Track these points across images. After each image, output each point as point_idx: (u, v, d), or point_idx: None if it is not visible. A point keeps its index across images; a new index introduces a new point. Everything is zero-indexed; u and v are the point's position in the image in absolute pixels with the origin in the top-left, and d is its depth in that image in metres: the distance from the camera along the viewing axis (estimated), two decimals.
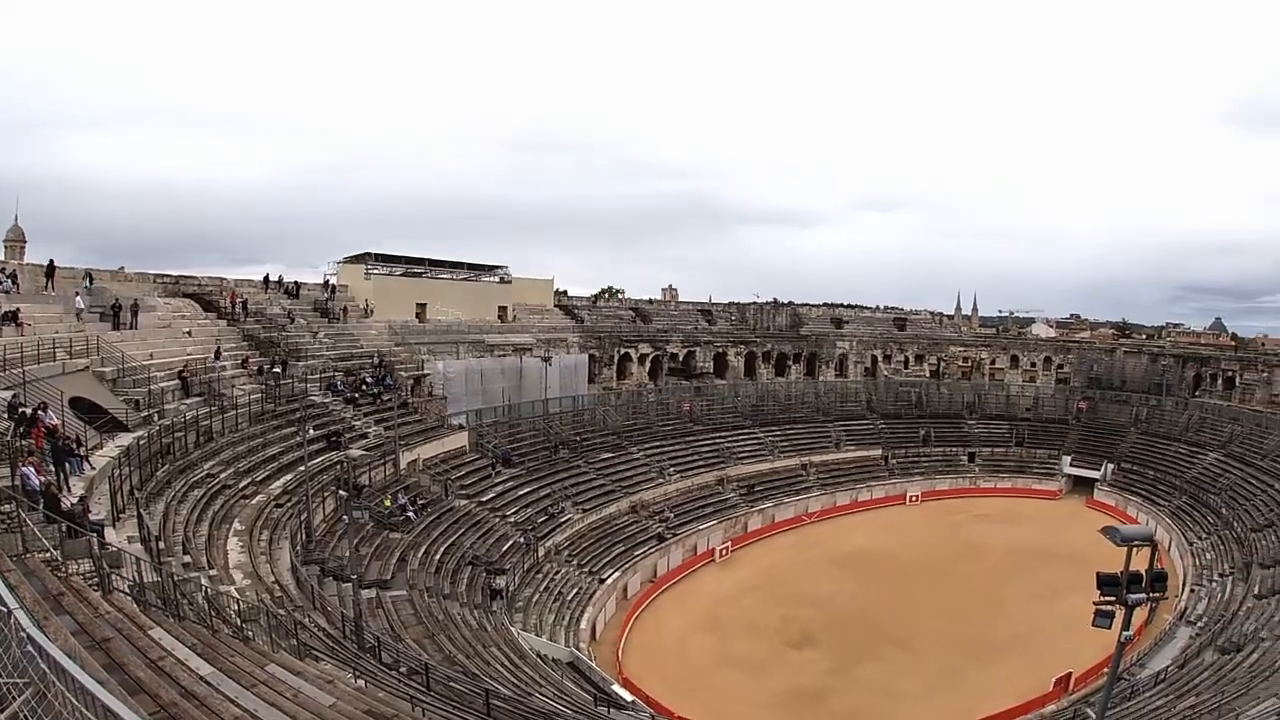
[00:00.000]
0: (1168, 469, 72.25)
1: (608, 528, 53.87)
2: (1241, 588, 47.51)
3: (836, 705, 38.76)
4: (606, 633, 45.09)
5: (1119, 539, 14.51)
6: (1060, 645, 41.46)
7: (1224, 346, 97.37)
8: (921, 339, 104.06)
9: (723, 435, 72.60)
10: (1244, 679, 31.59)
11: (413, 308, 64.25)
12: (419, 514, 41.20)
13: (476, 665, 27.91)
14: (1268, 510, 56.72)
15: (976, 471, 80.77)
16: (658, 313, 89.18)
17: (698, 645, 44.36)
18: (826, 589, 52.46)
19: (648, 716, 31.69)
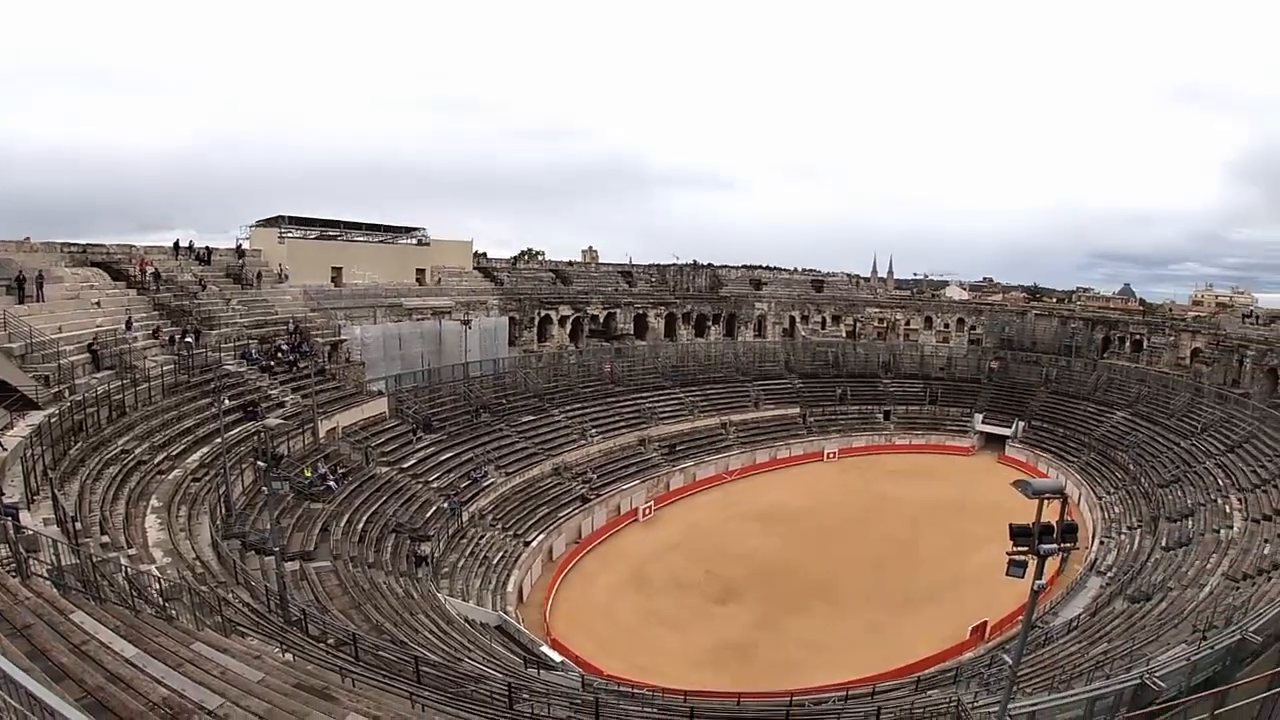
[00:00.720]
0: (1077, 427, 75.16)
1: (531, 490, 53.90)
2: (1149, 540, 49.50)
3: (763, 658, 39.67)
4: (533, 595, 45.33)
5: (1030, 492, 14.89)
6: (976, 595, 43.01)
7: (1132, 311, 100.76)
8: (838, 300, 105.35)
9: (644, 396, 73.16)
10: (1153, 626, 32.98)
11: (328, 271, 62.58)
12: (340, 483, 40.61)
13: (405, 633, 27.88)
14: (1174, 466, 59.14)
15: (892, 429, 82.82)
16: (578, 275, 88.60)
17: (624, 604, 44.95)
18: (749, 545, 53.50)
19: (577, 676, 32.00)
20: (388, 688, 17.58)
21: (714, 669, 37.75)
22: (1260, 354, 72.43)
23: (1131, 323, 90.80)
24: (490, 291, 73.51)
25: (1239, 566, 38.72)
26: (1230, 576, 37.76)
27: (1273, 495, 46.89)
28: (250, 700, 12.01)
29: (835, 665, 37.50)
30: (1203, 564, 41.43)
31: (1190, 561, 42.70)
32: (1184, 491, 54.26)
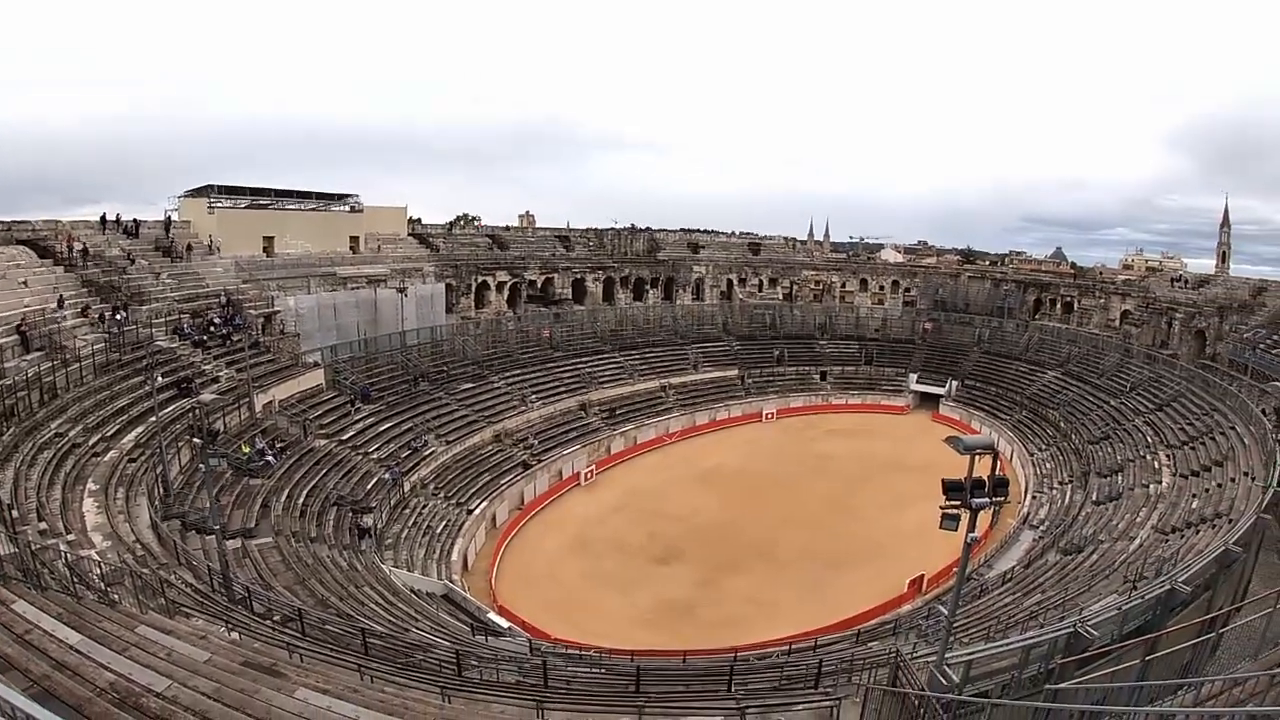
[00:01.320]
0: (1009, 386, 76.97)
1: (473, 458, 53.73)
2: (1080, 495, 50.93)
3: (706, 616, 40.28)
4: (478, 563, 45.42)
5: (962, 448, 15.19)
6: (912, 549, 43.94)
7: (1063, 274, 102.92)
8: (775, 263, 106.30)
9: (583, 361, 73.13)
10: (1085, 577, 33.91)
11: (260, 241, 61.09)
12: (278, 458, 39.95)
13: (350, 606, 27.76)
14: (1103, 424, 60.88)
15: (828, 389, 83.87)
16: (515, 240, 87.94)
17: (569, 568, 45.30)
18: (690, 506, 54.08)
19: (525, 640, 32.15)
20: (335, 661, 17.52)
21: (659, 628, 38.27)
22: (1188, 316, 74.74)
23: (1063, 285, 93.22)
24: (426, 258, 72.64)
25: (1168, 520, 39.93)
26: (1160, 529, 38.95)
27: (1200, 452, 48.32)
28: (198, 680, 11.92)
29: (777, 621, 38.16)
30: (1133, 518, 42.65)
31: (1120, 515, 43.94)
32: (1114, 448, 55.86)
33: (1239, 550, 28.22)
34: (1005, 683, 17.59)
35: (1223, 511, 36.30)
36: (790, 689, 20.13)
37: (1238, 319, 70.68)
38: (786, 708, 16.78)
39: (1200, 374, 61.64)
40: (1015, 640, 19.75)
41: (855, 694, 16.61)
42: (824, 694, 18.01)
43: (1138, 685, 12.90)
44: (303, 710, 11.86)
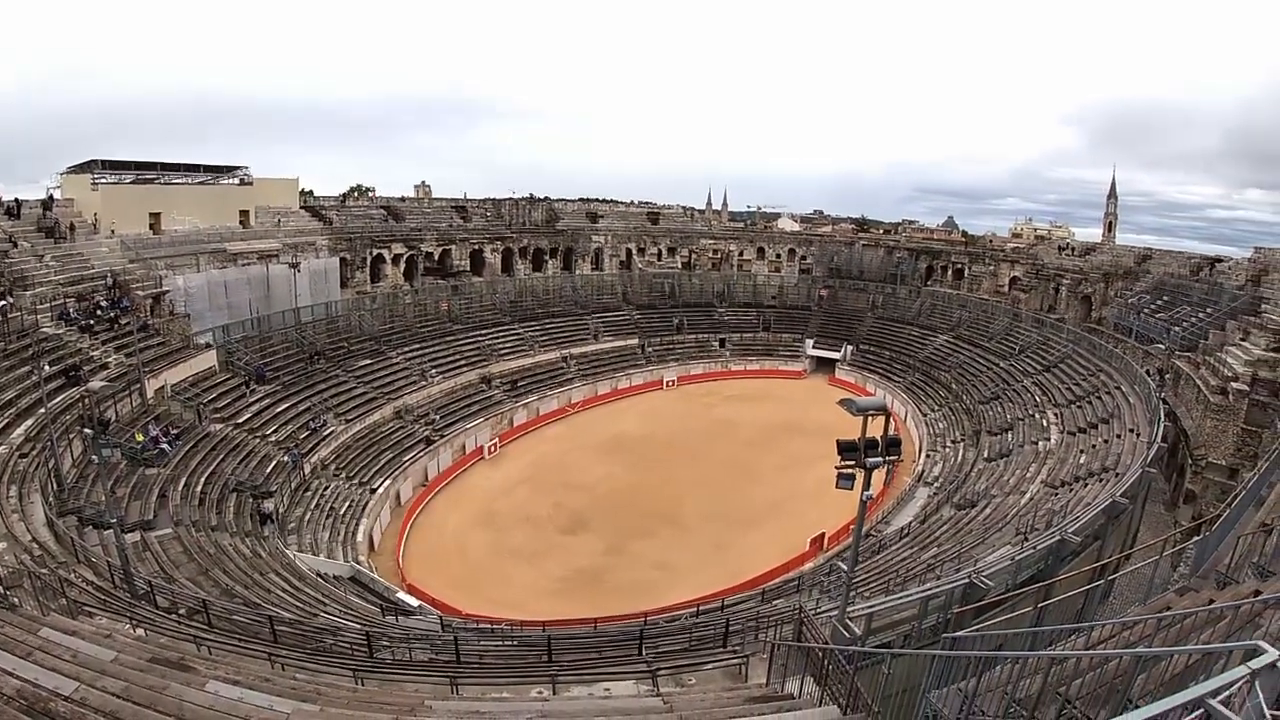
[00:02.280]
0: (902, 350, 79.66)
1: (374, 436, 53.04)
2: (972, 452, 53.02)
3: (615, 582, 40.98)
4: (385, 542, 44.95)
5: (855, 409, 15.60)
6: (812, 509, 45.25)
7: (955, 242, 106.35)
8: (674, 232, 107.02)
9: (483, 333, 72.61)
10: (979, 530, 35.41)
11: (146, 218, 58.26)
12: (174, 445, 38.72)
13: (257, 594, 27.33)
14: (993, 385, 63.55)
15: (728, 356, 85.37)
16: (411, 211, 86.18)
17: (476, 542, 45.27)
18: (595, 475, 54.67)
19: (436, 618, 32.14)
20: (245, 651, 17.30)
21: (569, 597, 38.62)
22: (1075, 282, 78.42)
23: (954, 253, 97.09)
24: (319, 231, 70.68)
25: (1057, 475, 41.79)
26: (1049, 484, 40.74)
27: (1087, 410, 50.65)
28: (106, 681, 11.71)
29: (685, 584, 39.11)
30: (1023, 473, 44.53)
31: (1011, 471, 45.87)
32: (1004, 408, 58.26)
33: (1126, 502, 29.66)
34: (906, 633, 18.29)
35: (1109, 466, 38.06)
36: (700, 649, 20.55)
37: (1123, 285, 74.33)
38: (696, 668, 17.17)
39: (1086, 337, 64.67)
40: (914, 592, 20.49)
41: (762, 650, 17.02)
42: (732, 652, 18.45)
43: (1033, 631, 13.52)
44: (214, 703, 11.72)
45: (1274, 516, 19.91)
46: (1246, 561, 16.63)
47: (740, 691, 14.99)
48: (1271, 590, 12.99)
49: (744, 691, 14.96)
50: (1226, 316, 56.70)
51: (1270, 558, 16.28)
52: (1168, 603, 15.90)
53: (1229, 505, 25.13)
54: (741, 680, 16.12)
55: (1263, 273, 61.68)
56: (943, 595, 19.84)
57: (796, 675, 14.48)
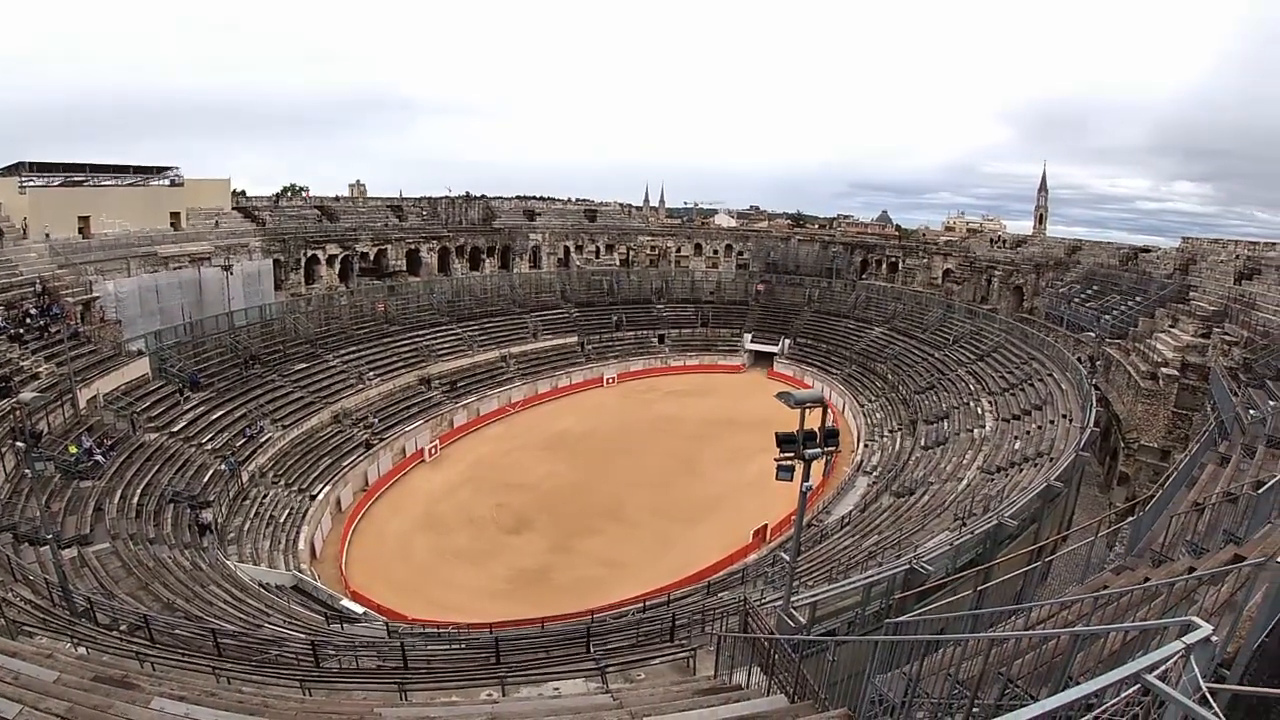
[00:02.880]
0: (839, 342, 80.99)
1: (312, 441, 52.22)
2: (910, 441, 53.90)
3: (561, 580, 41.04)
4: (327, 549, 44.30)
5: (793, 402, 15.93)
6: (754, 501, 45.74)
7: (889, 236, 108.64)
8: (612, 229, 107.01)
9: (421, 334, 71.91)
10: (918, 517, 36.00)
11: (75, 222, 55.99)
12: (108, 456, 37.74)
13: (199, 607, 26.87)
14: (928, 375, 64.86)
15: (667, 352, 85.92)
16: (345, 210, 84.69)
17: (419, 546, 44.94)
18: (537, 474, 54.56)
19: (382, 624, 31.88)
20: (189, 666, 17.05)
21: (515, 598, 38.54)
22: (1007, 274, 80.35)
23: (888, 247, 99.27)
24: (252, 233, 69.04)
25: (992, 461, 42.70)
26: (985, 470, 41.61)
27: (1020, 397, 51.79)
28: (49, 702, 11.45)
29: (631, 580, 39.35)
30: (959, 460, 45.40)
31: (948, 458, 46.74)
32: (939, 397, 59.39)
33: (1060, 485, 30.40)
34: (850, 620, 18.60)
35: (1044, 451, 38.94)
36: (647, 644, 20.65)
37: (1054, 275, 76.25)
38: (645, 663, 17.29)
39: (1019, 326, 66.36)
40: (857, 580, 20.84)
41: (709, 643, 17.22)
42: (679, 646, 18.62)
43: (974, 613, 13.82)
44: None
45: (1206, 496, 20.54)
46: (1180, 540, 17.15)
47: (689, 684, 15.14)
48: (1205, 567, 13.42)
49: (693, 684, 15.11)
50: (1156, 304, 58.33)
51: (1203, 535, 16.80)
52: (1104, 582, 16.32)
53: (1161, 486, 25.91)
54: (690, 673, 16.28)
55: (1190, 262, 63.52)
56: (884, 582, 20.22)
57: (744, 666, 14.66)
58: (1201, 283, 58.00)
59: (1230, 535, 16.07)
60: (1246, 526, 16.11)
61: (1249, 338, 43.01)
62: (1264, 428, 25.47)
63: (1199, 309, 52.81)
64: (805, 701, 11.61)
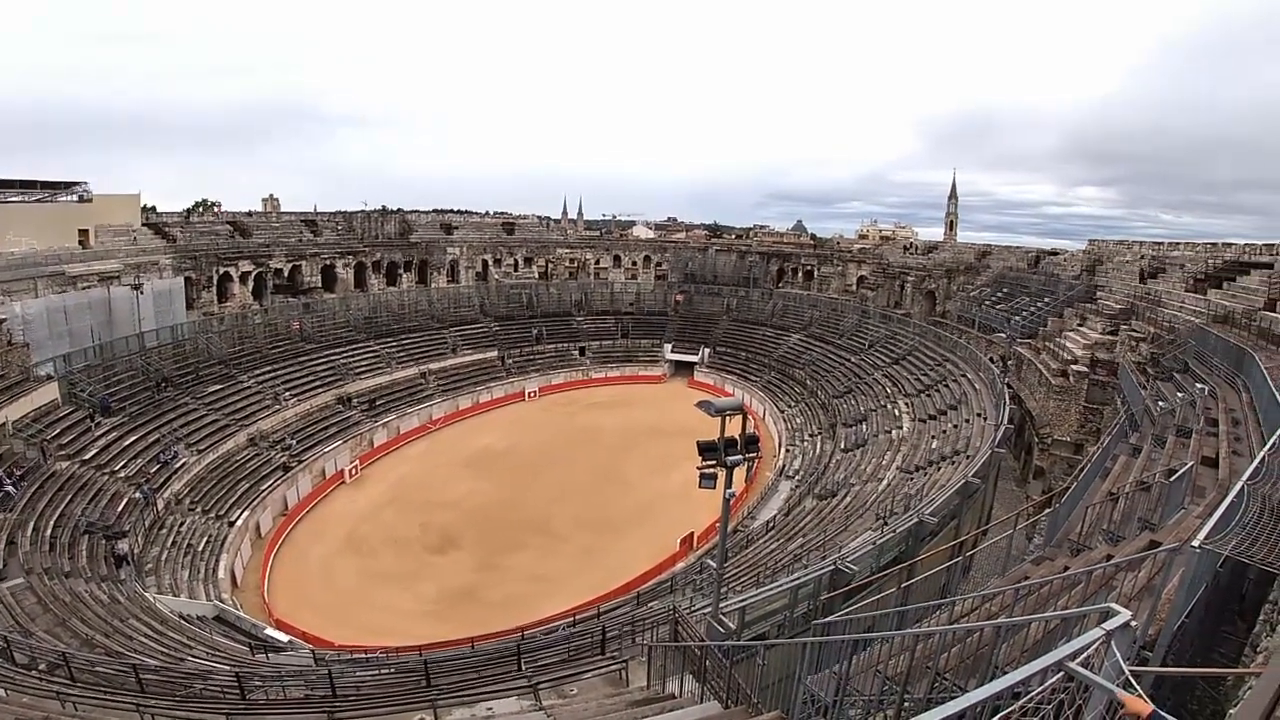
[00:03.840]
0: (758, 350, 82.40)
1: (228, 465, 50.84)
2: (830, 444, 54.84)
3: (490, 598, 40.70)
4: (248, 577, 43.17)
5: (713, 410, 16.14)
6: (680, 510, 46.11)
7: (804, 245, 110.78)
8: (530, 242, 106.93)
9: (338, 352, 70.65)
10: (841, 519, 36.64)
11: None
12: (18, 487, 36.25)
13: (119, 642, 26.09)
14: (846, 379, 66.21)
15: (588, 364, 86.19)
16: (259, 226, 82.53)
17: (343, 569, 44.16)
18: (461, 491, 54.17)
19: (308, 652, 31.36)
20: (111, 704, 16.67)
21: (444, 619, 38.17)
22: (919, 279, 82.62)
23: (804, 255, 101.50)
24: (163, 250, 66.84)
25: (911, 460, 43.69)
26: (904, 469, 42.57)
27: (935, 398, 53.09)
28: None
29: (560, 594, 39.27)
30: (879, 461, 46.35)
31: (868, 460, 47.68)
32: (857, 400, 60.53)
33: (978, 482, 31.20)
34: (780, 623, 18.84)
35: (960, 449, 39.96)
36: (579, 659, 20.68)
37: (964, 280, 78.56)
38: (577, 677, 17.31)
39: (932, 330, 68.15)
40: (783, 583, 21.09)
41: (641, 653, 17.31)
42: (611, 658, 18.68)
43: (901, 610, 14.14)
44: None
45: (1119, 486, 21.26)
46: (1097, 529, 17.76)
47: (622, 696, 15.21)
48: (1123, 554, 13.93)
49: (626, 696, 15.18)
50: (1064, 305, 60.44)
51: (1119, 524, 17.42)
52: (1025, 573, 16.80)
53: (1076, 478, 26.84)
54: (623, 685, 16.34)
55: (1096, 263, 66.02)
56: (811, 583, 20.52)
57: (676, 675, 14.79)
58: (1108, 282, 60.20)
59: (1145, 522, 16.67)
60: (1160, 513, 16.74)
61: (1155, 333, 44.70)
62: (1173, 418, 26.46)
63: (1106, 308, 54.81)
64: (739, 707, 11.75)
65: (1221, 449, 20.85)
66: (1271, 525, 10.61)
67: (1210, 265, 50.49)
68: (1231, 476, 15.41)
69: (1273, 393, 20.52)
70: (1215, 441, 22.17)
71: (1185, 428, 24.63)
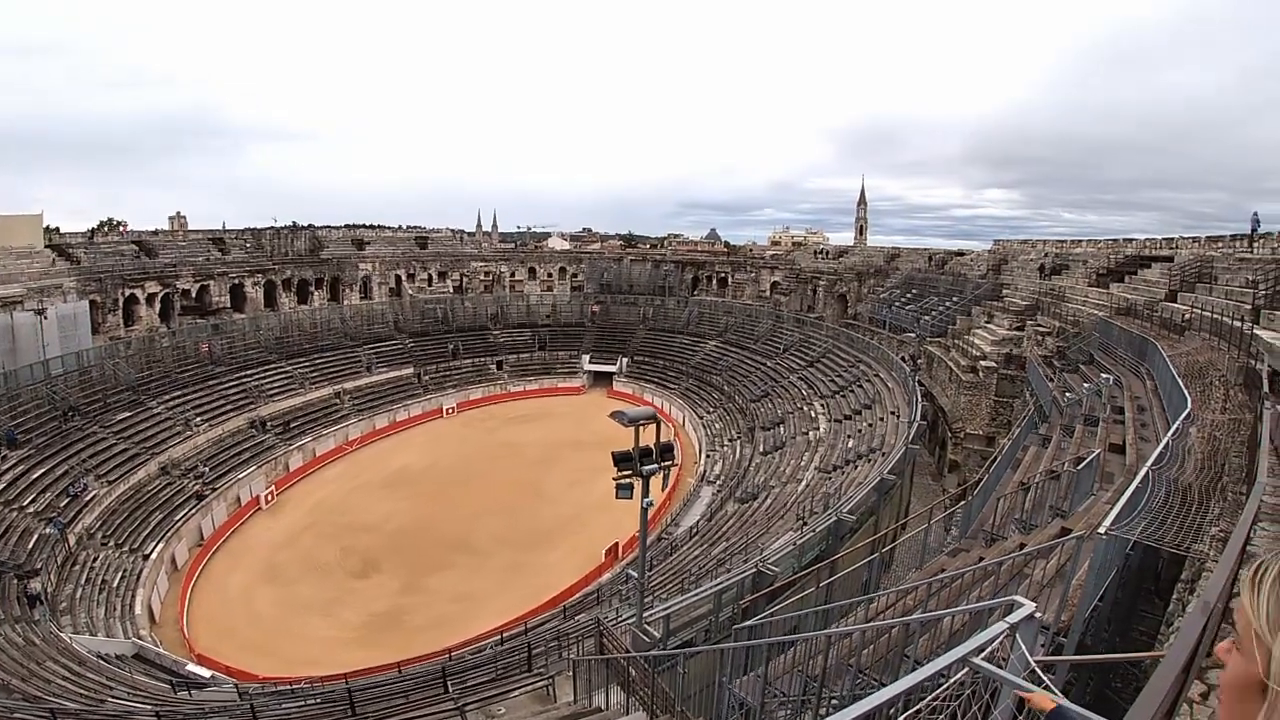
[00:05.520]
0: (675, 358, 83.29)
1: (140, 496, 49.32)
2: (749, 448, 55.60)
3: (416, 621, 40.24)
4: (166, 611, 41.89)
5: (625, 420, 16.33)
6: (605, 520, 46.22)
7: (718, 252, 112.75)
8: (444, 256, 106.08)
9: (249, 374, 69.07)
10: (763, 521, 37.22)
11: None
12: None
13: (36, 686, 25.22)
14: (763, 383, 67.31)
15: (506, 378, 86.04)
16: (165, 245, 79.99)
17: (264, 599, 43.20)
18: (381, 512, 53.53)
19: (231, 687, 30.75)
20: None
21: (370, 644, 37.62)
22: (831, 284, 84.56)
23: (718, 263, 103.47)
24: (66, 272, 64.30)
25: (828, 460, 44.59)
26: (822, 469, 43.42)
27: (850, 398, 54.26)
28: None
29: (488, 612, 39.04)
30: (798, 462, 47.16)
31: (786, 461, 48.48)
32: (774, 404, 61.55)
33: (894, 478, 32.00)
34: (706, 628, 19.05)
35: (876, 447, 40.89)
36: (506, 678, 20.67)
37: (875, 282, 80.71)
38: (504, 696, 17.33)
39: (844, 332, 69.83)
40: (707, 588, 21.31)
41: (567, 668, 17.39)
42: (538, 675, 18.74)
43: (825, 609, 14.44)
44: None
45: (1030, 476, 22.01)
46: (1010, 519, 18.38)
47: (550, 712, 15.29)
48: (1035, 542, 14.45)
49: (554, 712, 15.26)
50: (971, 303, 62.28)
51: (1030, 513, 18.04)
52: (941, 565, 17.29)
53: (988, 470, 27.65)
54: (551, 701, 16.42)
55: (1002, 262, 68.26)
56: (734, 587, 20.78)
57: (603, 687, 14.89)
58: (1013, 280, 62.19)
59: (1056, 510, 17.31)
60: (1071, 500, 17.39)
61: (1060, 327, 46.40)
62: (1080, 408, 27.34)
63: (1012, 304, 56.62)
64: (665, 716, 11.93)
65: (1128, 436, 21.69)
66: (1179, 507, 11.09)
67: (1112, 260, 52.48)
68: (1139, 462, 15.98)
69: (1175, 379, 21.34)
70: (1122, 429, 23.06)
71: (1092, 417, 25.54)
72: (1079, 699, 8.37)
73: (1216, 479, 12.62)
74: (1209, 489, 12.00)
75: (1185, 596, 9.14)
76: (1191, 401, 18.53)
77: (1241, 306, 26.34)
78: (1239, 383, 19.62)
